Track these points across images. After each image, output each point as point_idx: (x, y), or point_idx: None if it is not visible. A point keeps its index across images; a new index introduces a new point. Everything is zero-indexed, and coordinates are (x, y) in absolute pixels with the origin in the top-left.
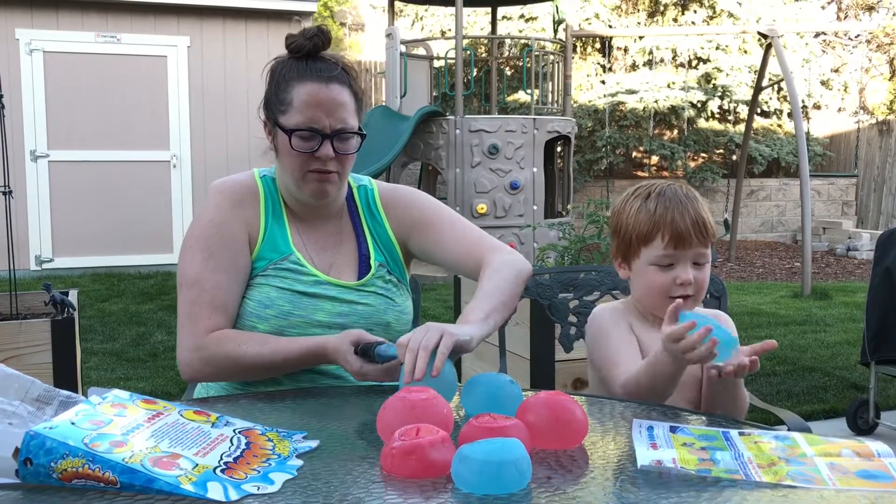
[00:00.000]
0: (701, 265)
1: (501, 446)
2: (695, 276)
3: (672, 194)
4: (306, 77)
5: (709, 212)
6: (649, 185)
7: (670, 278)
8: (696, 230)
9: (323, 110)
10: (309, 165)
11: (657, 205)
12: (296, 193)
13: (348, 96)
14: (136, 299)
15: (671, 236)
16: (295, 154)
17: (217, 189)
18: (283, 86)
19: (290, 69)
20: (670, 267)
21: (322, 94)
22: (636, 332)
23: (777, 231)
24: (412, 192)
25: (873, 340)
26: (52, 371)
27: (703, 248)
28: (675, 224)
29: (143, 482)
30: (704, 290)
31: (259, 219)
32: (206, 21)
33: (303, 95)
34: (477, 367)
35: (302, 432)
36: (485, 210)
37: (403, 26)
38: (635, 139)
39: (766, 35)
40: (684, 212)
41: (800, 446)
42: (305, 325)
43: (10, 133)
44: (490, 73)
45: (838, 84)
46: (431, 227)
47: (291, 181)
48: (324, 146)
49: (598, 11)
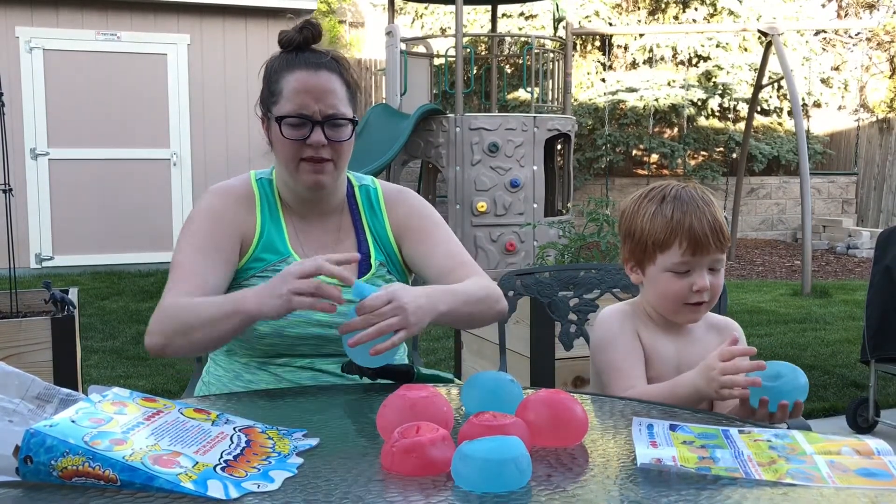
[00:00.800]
0: (716, 271)
1: (501, 444)
2: (711, 282)
3: (689, 198)
4: (295, 66)
5: (722, 213)
6: (663, 187)
7: (687, 285)
8: (713, 236)
9: (312, 97)
10: (301, 153)
11: (674, 209)
12: (292, 185)
13: (339, 84)
14: (137, 297)
15: (689, 243)
16: (287, 142)
17: (210, 192)
18: (274, 77)
19: (281, 61)
20: (686, 274)
21: (311, 80)
22: (643, 336)
23: (777, 229)
24: (418, 198)
25: (873, 338)
26: (53, 369)
27: (720, 254)
28: (692, 230)
29: (143, 480)
30: (718, 295)
31: (255, 221)
32: (206, 19)
33: (292, 83)
34: (477, 365)
35: (302, 430)
36: (485, 208)
37: (403, 24)
38: (635, 137)
39: (766, 33)
40: (702, 217)
41: (799, 444)
42: (305, 325)
43: (10, 131)
44: (490, 71)
45: (838, 82)
46: (427, 239)
47: (286, 172)
48: (315, 133)
49: (598, 9)
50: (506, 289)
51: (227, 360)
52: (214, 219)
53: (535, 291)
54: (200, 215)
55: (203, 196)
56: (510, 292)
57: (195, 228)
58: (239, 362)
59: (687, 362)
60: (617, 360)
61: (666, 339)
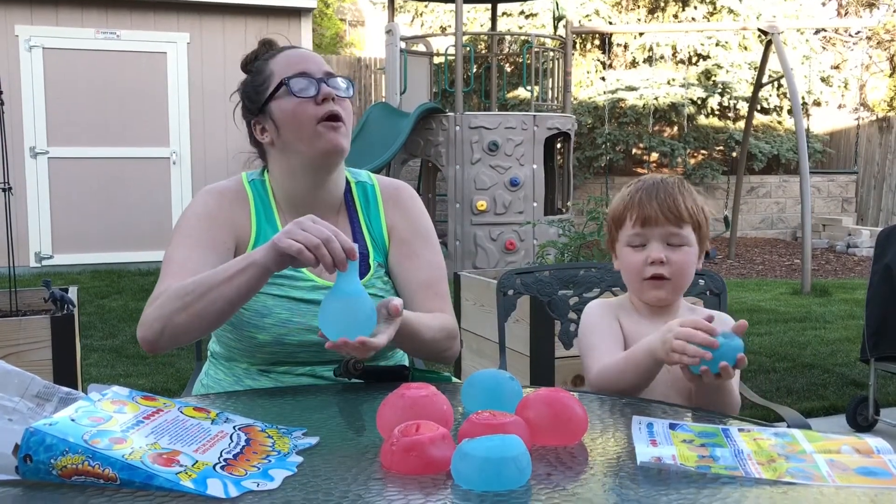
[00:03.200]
0: (675, 246)
1: (501, 443)
2: (668, 256)
3: (651, 182)
4: (275, 53)
5: (693, 199)
6: (646, 177)
7: (643, 257)
8: (662, 209)
9: (307, 61)
10: (317, 112)
11: (633, 190)
12: (310, 158)
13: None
14: (136, 296)
15: (638, 215)
16: (299, 104)
17: (204, 192)
18: (256, 71)
19: (258, 60)
20: (642, 247)
21: (298, 52)
22: (625, 326)
23: (777, 228)
24: (414, 201)
25: (873, 337)
26: (52, 368)
27: (675, 228)
28: (642, 204)
29: (142, 479)
30: (684, 274)
31: (250, 221)
32: (205, 17)
33: (281, 60)
34: (477, 363)
35: (302, 429)
36: (484, 207)
37: (403, 23)
38: (635, 136)
39: (766, 31)
40: (656, 193)
41: (799, 443)
42: (305, 332)
43: (10, 130)
44: (490, 70)
45: (838, 81)
46: (413, 256)
47: (304, 143)
48: (322, 88)
49: (598, 8)
50: (506, 287)
51: (228, 367)
52: (209, 218)
53: (534, 290)
54: (194, 215)
55: (196, 196)
56: (510, 290)
57: (189, 227)
58: (239, 367)
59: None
60: (594, 341)
61: (651, 328)
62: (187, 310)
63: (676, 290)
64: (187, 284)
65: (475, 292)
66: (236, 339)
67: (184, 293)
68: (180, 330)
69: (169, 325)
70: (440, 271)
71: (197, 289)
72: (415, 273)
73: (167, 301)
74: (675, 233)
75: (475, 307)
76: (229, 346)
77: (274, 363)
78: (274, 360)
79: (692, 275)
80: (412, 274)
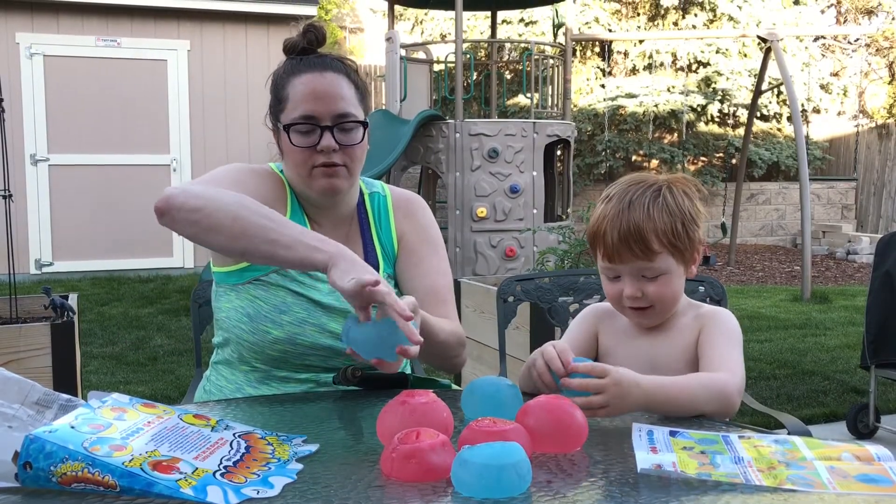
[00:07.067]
0: (652, 279)
1: (501, 450)
2: (644, 289)
3: (618, 201)
4: (301, 69)
5: (669, 218)
6: (623, 181)
7: (618, 290)
8: (626, 245)
9: (320, 99)
10: (313, 160)
11: (601, 212)
12: (306, 194)
13: (347, 86)
14: (136, 303)
15: (604, 251)
16: (297, 150)
17: (239, 165)
18: (280, 84)
19: (286, 67)
20: (617, 279)
21: (317, 82)
22: (604, 336)
23: (777, 235)
24: (426, 213)
25: (873, 344)
26: (52, 375)
27: (647, 262)
28: (605, 238)
29: (142, 486)
30: (667, 303)
31: (286, 206)
32: (206, 25)
33: (298, 87)
34: (477, 370)
35: (302, 436)
36: (485, 214)
37: (403, 30)
38: (635, 143)
39: (765, 39)
40: (619, 224)
41: (800, 450)
42: (318, 335)
43: (11, 137)
44: (490, 77)
45: (838, 88)
46: (420, 264)
47: (299, 180)
48: (325, 137)
49: (597, 15)
50: (506, 294)
51: (230, 371)
52: (237, 178)
53: (535, 297)
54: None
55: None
56: (510, 297)
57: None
58: (241, 370)
59: (665, 356)
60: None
61: (639, 337)
62: (236, 221)
63: (663, 312)
64: (252, 205)
65: (475, 299)
66: (250, 331)
67: (244, 207)
68: (211, 223)
69: (205, 211)
70: (447, 279)
71: (259, 220)
72: (421, 280)
73: (226, 198)
74: (646, 267)
75: (475, 314)
76: (240, 340)
77: (280, 365)
78: (281, 360)
79: (678, 295)
80: (418, 281)
